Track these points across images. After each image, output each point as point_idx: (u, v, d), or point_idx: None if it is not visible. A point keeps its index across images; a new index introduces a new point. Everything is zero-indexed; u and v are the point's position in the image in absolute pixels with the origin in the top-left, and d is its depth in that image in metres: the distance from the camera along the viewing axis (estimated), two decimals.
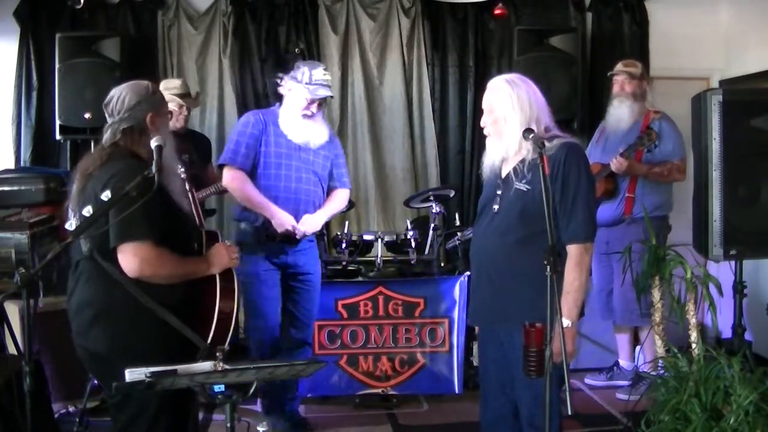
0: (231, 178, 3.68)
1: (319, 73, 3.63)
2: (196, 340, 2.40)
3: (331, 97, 3.80)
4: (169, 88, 4.59)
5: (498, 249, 2.69)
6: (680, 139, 4.27)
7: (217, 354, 2.12)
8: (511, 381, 2.70)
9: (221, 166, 3.75)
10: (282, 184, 3.67)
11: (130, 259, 2.36)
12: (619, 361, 4.59)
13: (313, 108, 3.65)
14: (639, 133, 4.26)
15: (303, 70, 3.63)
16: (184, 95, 4.54)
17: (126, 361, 2.19)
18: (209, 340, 2.45)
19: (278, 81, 3.75)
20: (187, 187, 2.89)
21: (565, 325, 2.52)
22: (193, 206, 2.78)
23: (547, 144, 2.50)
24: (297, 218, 3.67)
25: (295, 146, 3.68)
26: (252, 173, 3.68)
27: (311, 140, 3.69)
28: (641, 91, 4.38)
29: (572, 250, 2.60)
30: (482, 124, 2.75)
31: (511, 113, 2.64)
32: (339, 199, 3.94)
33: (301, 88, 3.62)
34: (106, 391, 2.61)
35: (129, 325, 2.43)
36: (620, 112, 4.36)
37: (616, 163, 4.16)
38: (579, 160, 2.65)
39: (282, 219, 3.62)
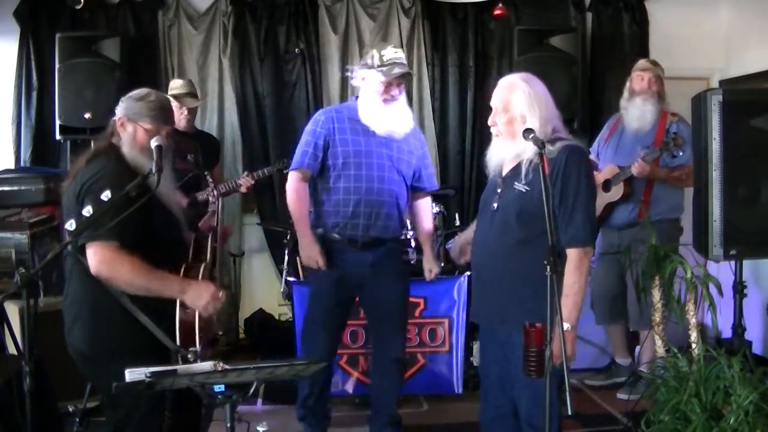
0: (289, 185, 3.38)
1: (389, 51, 3.26)
2: (165, 341, 2.39)
3: (411, 74, 3.33)
4: (171, 88, 4.60)
5: (497, 249, 2.68)
6: None
7: (189, 356, 2.12)
8: (511, 381, 2.70)
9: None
10: (364, 184, 3.31)
11: (91, 258, 2.37)
12: (616, 359, 4.60)
13: (393, 91, 3.28)
14: (656, 134, 4.19)
15: (372, 54, 3.27)
16: (182, 95, 4.54)
17: (105, 359, 2.24)
18: (179, 342, 2.44)
19: (349, 74, 3.46)
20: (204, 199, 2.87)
21: (565, 328, 2.53)
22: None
23: (549, 147, 2.50)
24: (378, 222, 3.36)
25: (377, 141, 3.32)
26: (328, 173, 3.35)
27: (396, 129, 3.33)
28: (664, 92, 4.30)
29: (571, 253, 2.60)
30: (492, 122, 2.70)
31: (528, 113, 2.62)
32: (429, 214, 3.69)
33: (373, 73, 3.26)
34: (97, 389, 2.62)
35: (108, 323, 2.45)
36: (644, 112, 4.25)
37: (638, 168, 4.08)
38: (580, 164, 2.63)
39: (309, 252, 3.31)
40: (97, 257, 2.36)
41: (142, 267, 2.39)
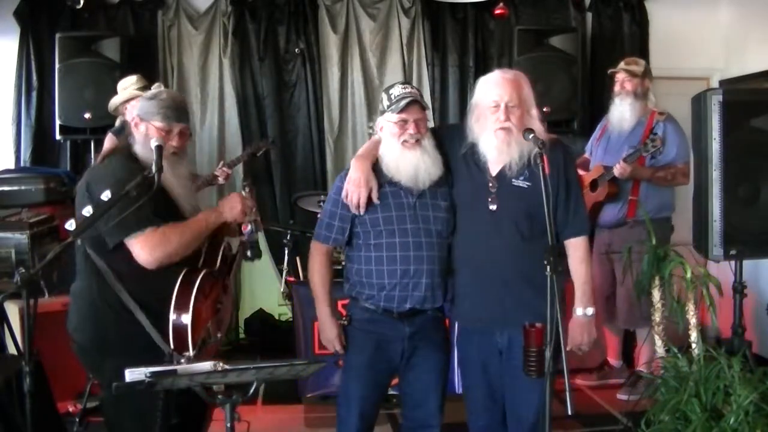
0: (312, 258, 2.96)
1: (397, 89, 2.89)
2: (160, 342, 2.40)
3: (423, 105, 2.87)
4: (126, 87, 4.35)
5: (505, 250, 2.64)
6: (685, 142, 4.19)
7: (182, 360, 2.20)
8: (509, 387, 2.69)
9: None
10: (398, 253, 2.81)
11: (139, 251, 2.38)
12: (608, 359, 4.60)
13: (410, 128, 2.80)
14: (643, 133, 4.22)
15: (381, 98, 2.92)
16: (142, 89, 4.45)
17: (104, 355, 2.32)
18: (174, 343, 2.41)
19: (370, 131, 3.21)
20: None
21: (591, 314, 2.67)
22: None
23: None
24: (415, 293, 2.82)
25: (409, 203, 2.83)
26: (357, 241, 2.89)
27: (420, 173, 2.81)
28: (642, 90, 4.32)
29: (579, 243, 2.68)
30: (506, 118, 2.58)
31: (533, 107, 2.65)
32: None
33: (386, 115, 2.85)
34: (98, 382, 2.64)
35: (109, 320, 2.47)
36: (622, 111, 4.32)
37: (619, 169, 4.10)
38: (572, 158, 2.79)
39: (326, 335, 2.92)
40: (146, 248, 2.38)
41: (177, 227, 2.45)
